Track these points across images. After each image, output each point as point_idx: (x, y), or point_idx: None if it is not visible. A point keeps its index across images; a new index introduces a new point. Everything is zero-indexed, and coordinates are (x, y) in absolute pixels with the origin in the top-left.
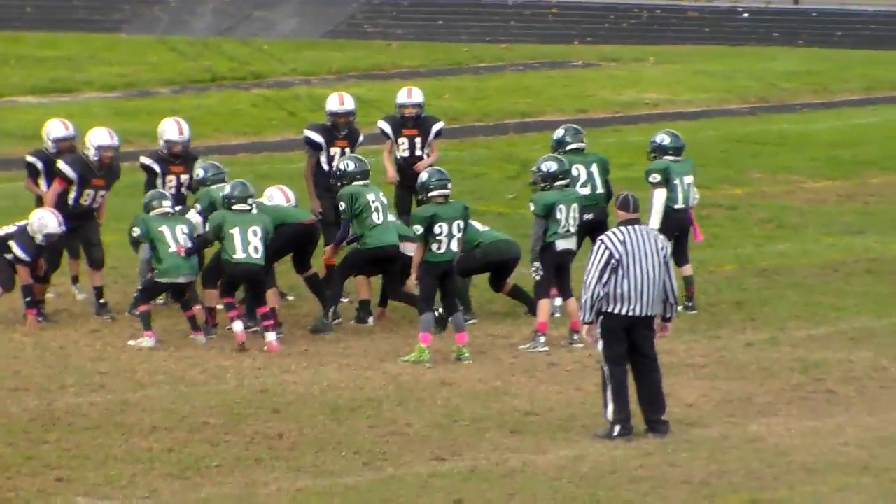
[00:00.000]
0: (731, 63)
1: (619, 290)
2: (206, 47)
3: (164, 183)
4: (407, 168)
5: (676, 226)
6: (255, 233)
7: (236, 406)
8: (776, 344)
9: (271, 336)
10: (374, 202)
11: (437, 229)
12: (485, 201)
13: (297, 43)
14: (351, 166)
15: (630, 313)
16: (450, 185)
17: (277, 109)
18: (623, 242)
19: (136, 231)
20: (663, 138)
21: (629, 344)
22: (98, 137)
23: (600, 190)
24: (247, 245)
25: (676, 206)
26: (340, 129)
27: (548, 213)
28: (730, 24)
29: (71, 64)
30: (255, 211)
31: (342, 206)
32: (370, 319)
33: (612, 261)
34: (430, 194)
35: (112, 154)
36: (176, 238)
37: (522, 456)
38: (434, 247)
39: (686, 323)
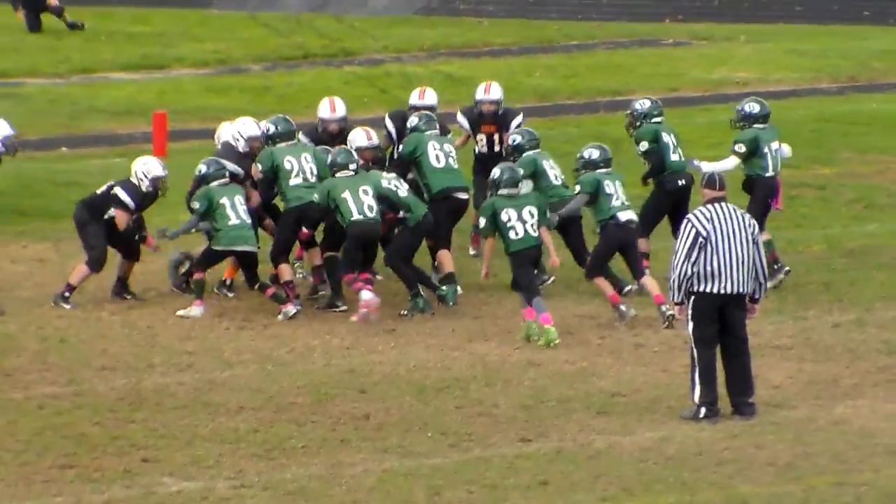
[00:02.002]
0: (822, 42)
1: (708, 268)
2: (298, 24)
3: None
4: (485, 162)
5: (768, 193)
6: (365, 192)
7: (323, 386)
8: (863, 325)
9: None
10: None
11: (503, 216)
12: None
13: (388, 19)
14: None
15: (722, 291)
16: (521, 185)
17: (369, 87)
18: (710, 220)
19: (197, 204)
20: (752, 106)
21: (720, 325)
22: (153, 168)
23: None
24: (361, 205)
25: (768, 174)
26: (335, 137)
27: (596, 190)
28: (821, 2)
29: (162, 40)
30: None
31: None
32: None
33: (700, 238)
34: (500, 192)
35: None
36: (235, 207)
37: (608, 437)
38: (511, 234)
39: (773, 304)
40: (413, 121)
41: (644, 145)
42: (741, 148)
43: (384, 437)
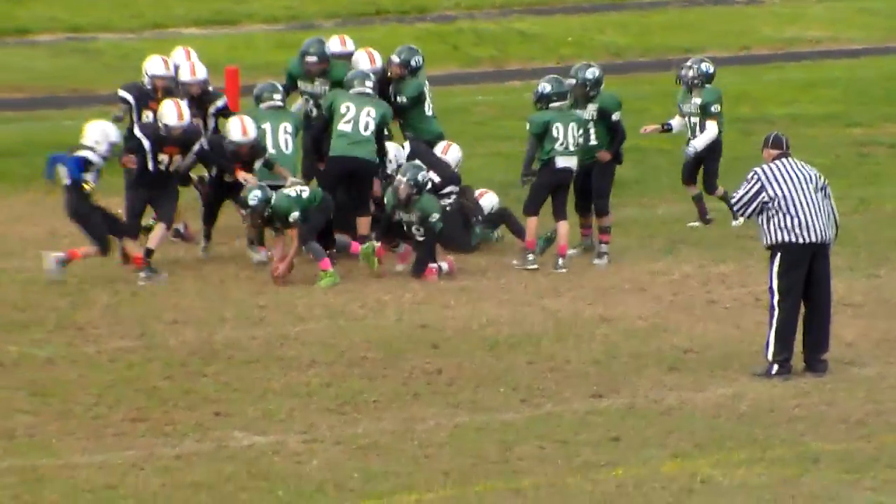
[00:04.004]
0: (893, 1)
1: (795, 220)
2: None
3: None
4: None
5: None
6: None
7: (395, 341)
8: None
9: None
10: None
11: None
12: (646, 137)
13: None
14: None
15: (809, 240)
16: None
17: (441, 43)
18: (781, 174)
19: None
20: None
21: (806, 279)
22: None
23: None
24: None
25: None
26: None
27: (543, 131)
28: None
29: None
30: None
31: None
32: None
33: (763, 195)
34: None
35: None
36: (276, 138)
37: (680, 393)
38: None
39: (845, 261)
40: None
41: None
42: (717, 108)
43: (456, 392)
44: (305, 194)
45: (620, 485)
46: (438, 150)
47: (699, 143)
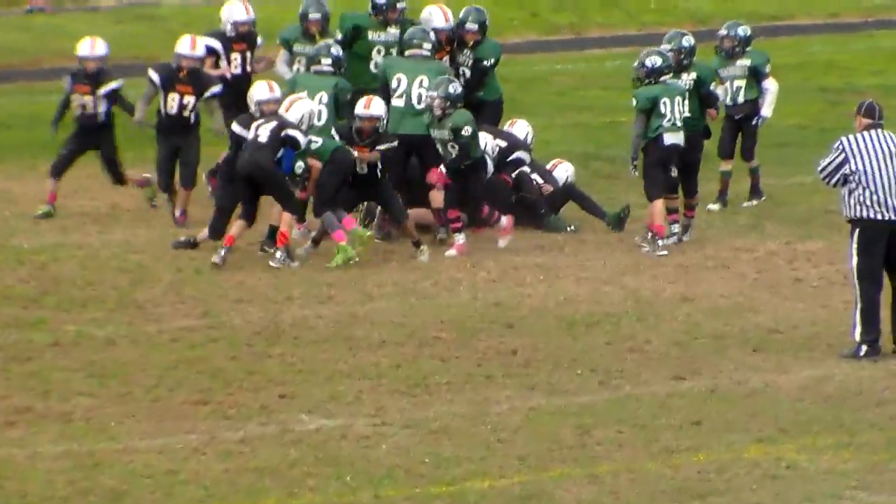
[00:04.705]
0: None
1: (874, 196)
2: None
3: None
4: None
5: None
6: None
7: (468, 320)
8: None
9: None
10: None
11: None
12: (611, 112)
13: None
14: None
15: (887, 217)
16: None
17: (519, 9)
18: (862, 148)
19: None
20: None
21: (886, 257)
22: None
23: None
24: None
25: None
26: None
27: (651, 107)
28: None
29: None
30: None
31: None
32: None
33: (846, 167)
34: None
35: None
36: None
37: (764, 375)
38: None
39: None
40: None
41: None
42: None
43: (531, 374)
44: (315, 145)
45: (702, 470)
46: (504, 126)
47: (767, 109)
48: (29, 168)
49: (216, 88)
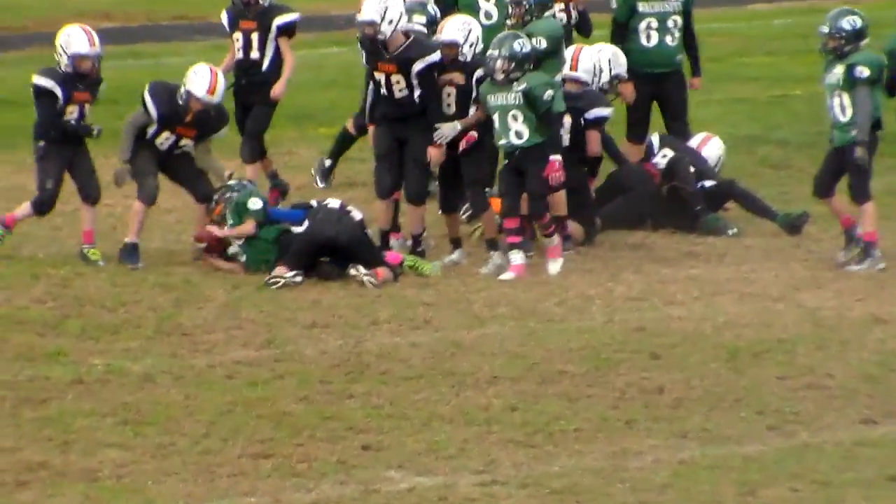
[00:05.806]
0: None
1: None
2: None
3: None
4: None
5: None
6: None
7: (603, 349)
8: None
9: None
10: None
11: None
12: (781, 84)
13: None
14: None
15: None
16: None
17: None
18: None
19: None
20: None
21: None
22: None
23: None
24: None
25: None
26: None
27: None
28: None
29: None
30: None
31: None
32: None
33: None
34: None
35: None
36: None
37: None
38: None
39: None
40: None
41: None
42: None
43: (683, 417)
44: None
45: None
46: (695, 141)
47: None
48: None
49: None
